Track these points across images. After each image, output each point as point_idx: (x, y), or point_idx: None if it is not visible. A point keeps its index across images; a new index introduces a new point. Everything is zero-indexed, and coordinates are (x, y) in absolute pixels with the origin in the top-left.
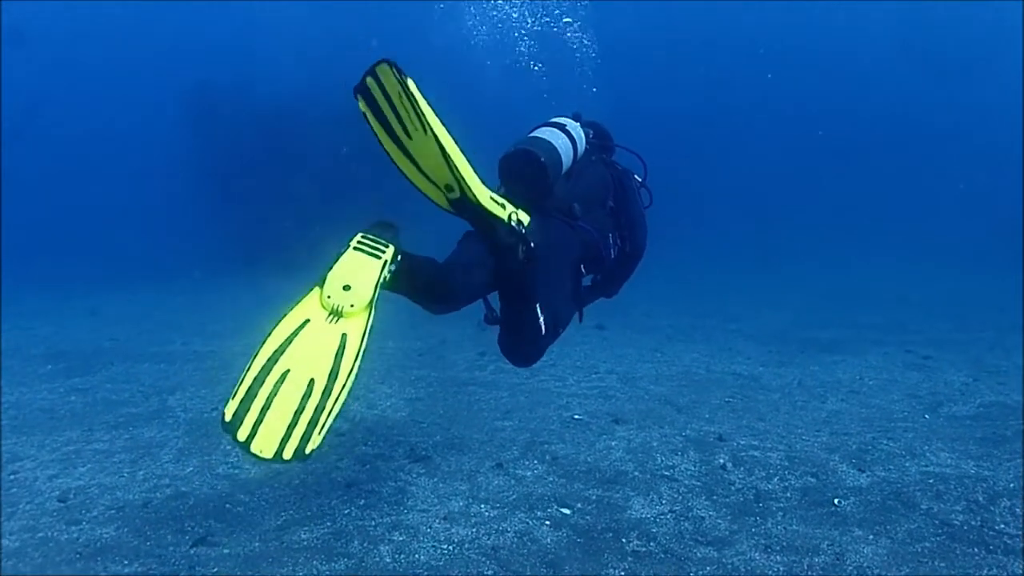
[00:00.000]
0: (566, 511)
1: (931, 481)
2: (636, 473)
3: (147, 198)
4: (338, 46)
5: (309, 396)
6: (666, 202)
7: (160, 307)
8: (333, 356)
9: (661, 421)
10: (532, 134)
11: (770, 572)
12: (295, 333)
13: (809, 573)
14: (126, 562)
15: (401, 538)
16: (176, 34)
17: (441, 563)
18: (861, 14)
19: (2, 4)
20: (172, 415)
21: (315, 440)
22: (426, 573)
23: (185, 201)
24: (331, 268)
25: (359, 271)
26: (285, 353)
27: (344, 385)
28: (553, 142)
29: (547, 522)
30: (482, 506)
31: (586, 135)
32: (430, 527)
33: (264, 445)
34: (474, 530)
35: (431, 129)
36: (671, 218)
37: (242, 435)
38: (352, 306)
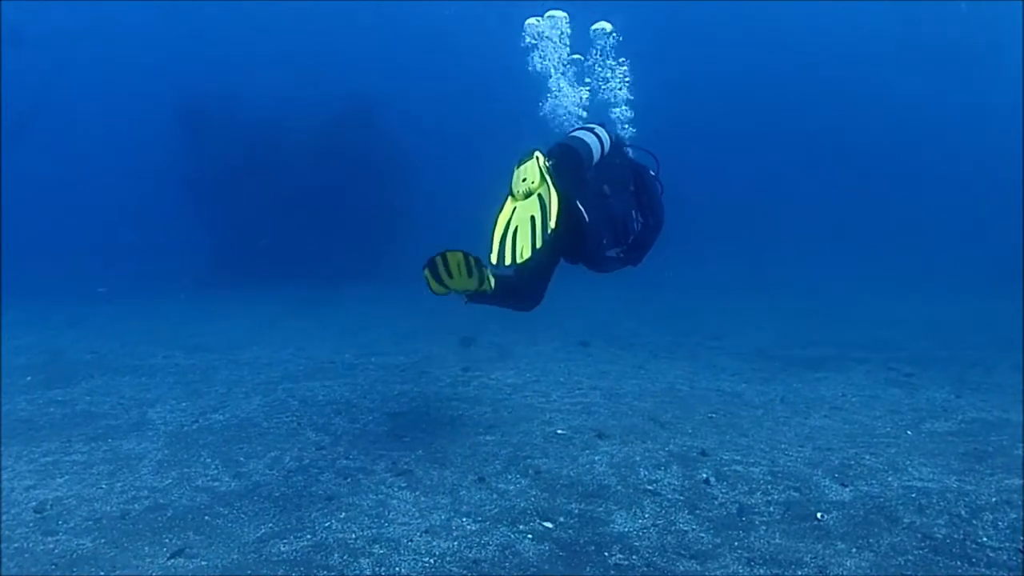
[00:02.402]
0: (548, 525)
1: (913, 495)
2: (619, 487)
3: (131, 211)
4: (325, 56)
5: (536, 221)
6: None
7: (142, 320)
8: (540, 209)
9: (644, 436)
10: (571, 134)
11: None
12: (511, 215)
13: None
14: (102, 573)
15: (382, 551)
16: (166, 40)
17: None
18: (856, 31)
19: (1, 4)
20: (152, 427)
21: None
22: None
23: (169, 215)
24: (512, 181)
25: (527, 171)
26: (510, 223)
27: (551, 213)
28: (586, 140)
29: (529, 535)
30: (464, 519)
31: (610, 137)
32: (411, 540)
33: (519, 255)
34: (456, 543)
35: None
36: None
37: (498, 260)
38: (532, 186)
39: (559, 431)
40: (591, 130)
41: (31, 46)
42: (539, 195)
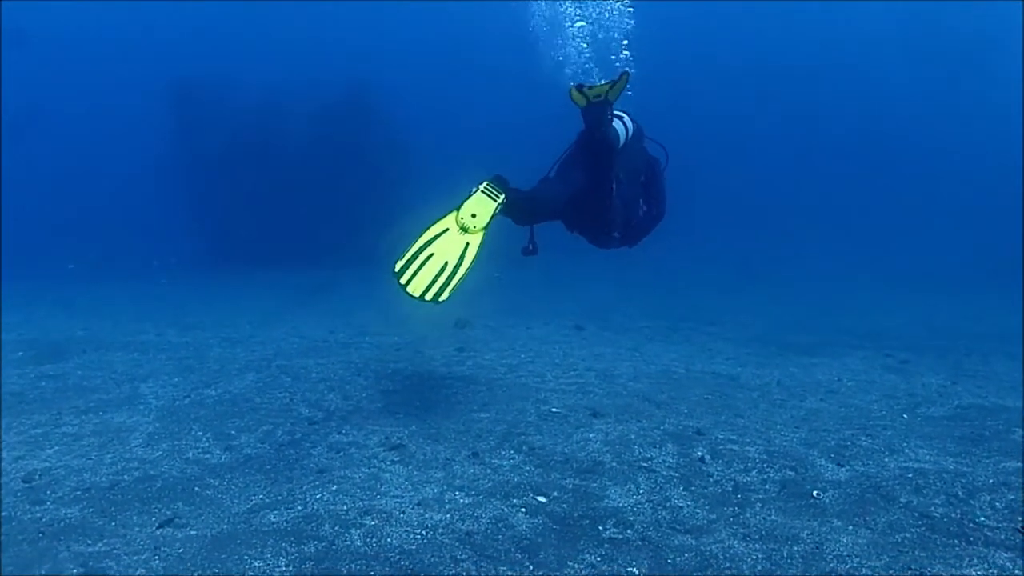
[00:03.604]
0: (542, 499)
1: (910, 476)
2: (613, 464)
3: (124, 194)
4: (321, 42)
5: (443, 271)
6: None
7: (135, 300)
8: (459, 254)
9: (639, 415)
10: None
11: (749, 559)
12: (439, 235)
13: (789, 561)
14: (89, 542)
15: (373, 523)
16: (161, 26)
17: (414, 547)
18: (854, 21)
19: (2, 4)
20: (143, 401)
21: (444, 295)
22: (398, 556)
23: (162, 197)
24: (465, 201)
25: (482, 206)
26: (431, 245)
27: (463, 271)
28: (615, 125)
29: (523, 509)
30: (457, 493)
31: (634, 127)
32: (403, 512)
33: (415, 289)
34: (448, 516)
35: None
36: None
37: (404, 281)
38: (475, 227)
39: (553, 409)
40: (620, 118)
41: (28, 38)
42: (467, 242)
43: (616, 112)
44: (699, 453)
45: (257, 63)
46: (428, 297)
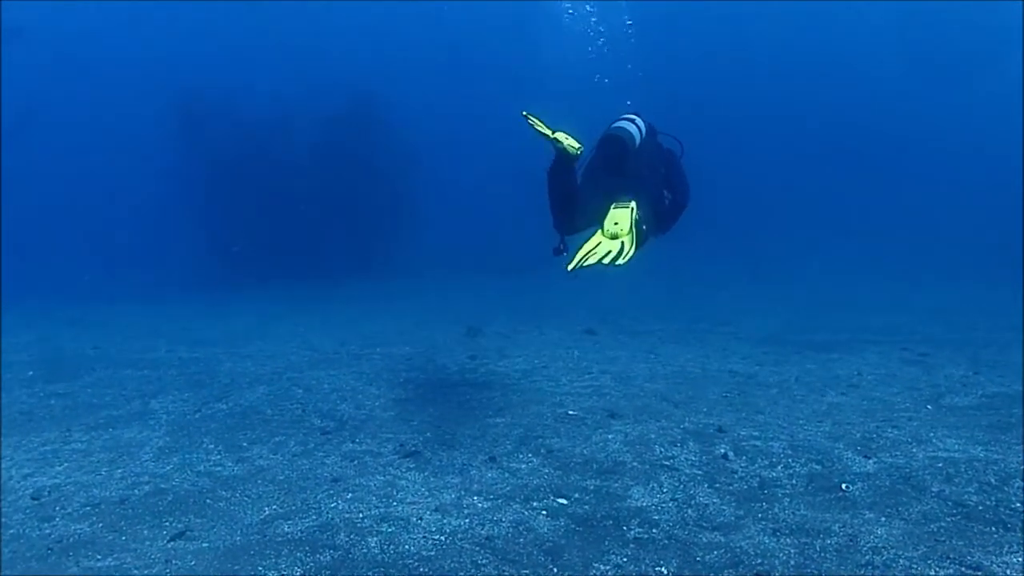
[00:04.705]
0: (563, 501)
1: (940, 465)
2: (635, 464)
3: (131, 209)
4: (326, 53)
5: (609, 255)
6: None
7: (145, 317)
8: (619, 249)
9: (658, 415)
10: (616, 124)
11: (781, 554)
12: (596, 246)
13: (822, 555)
14: (99, 557)
15: (390, 529)
16: (165, 37)
17: (433, 553)
18: (856, 19)
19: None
20: (154, 417)
21: (619, 262)
22: (416, 563)
23: (169, 213)
24: (606, 217)
25: (620, 215)
26: (592, 252)
27: (626, 256)
28: (629, 129)
29: (544, 512)
30: (475, 498)
31: (646, 126)
32: (421, 519)
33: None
34: (467, 521)
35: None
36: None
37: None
38: (622, 231)
39: (570, 412)
40: (632, 120)
41: (29, 42)
42: (623, 241)
43: (627, 116)
44: (722, 450)
45: (262, 72)
46: (606, 262)
